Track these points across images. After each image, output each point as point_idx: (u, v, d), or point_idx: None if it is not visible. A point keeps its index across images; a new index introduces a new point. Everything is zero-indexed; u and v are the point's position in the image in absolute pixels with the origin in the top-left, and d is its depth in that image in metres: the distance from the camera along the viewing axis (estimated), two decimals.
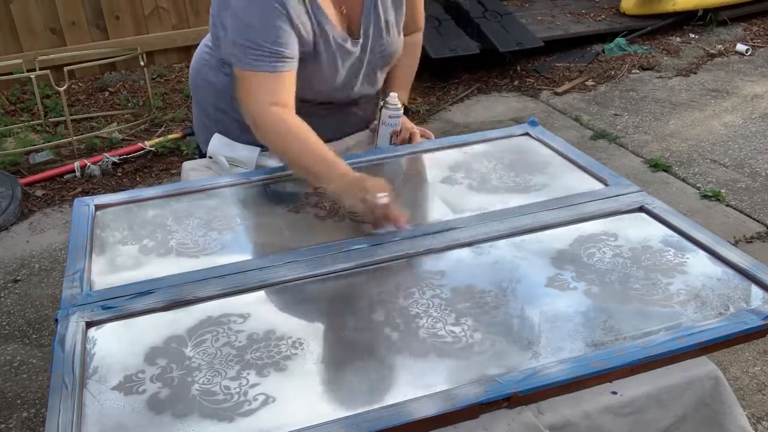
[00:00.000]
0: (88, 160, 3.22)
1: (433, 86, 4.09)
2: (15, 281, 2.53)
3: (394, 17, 1.59)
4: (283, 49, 1.41)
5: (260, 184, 1.51)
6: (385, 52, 1.61)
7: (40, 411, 1.98)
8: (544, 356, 0.99)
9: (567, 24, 4.66)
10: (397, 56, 1.67)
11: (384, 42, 1.59)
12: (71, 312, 1.11)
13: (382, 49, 1.60)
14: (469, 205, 1.38)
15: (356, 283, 1.18)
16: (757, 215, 2.79)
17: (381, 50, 1.60)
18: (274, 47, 1.41)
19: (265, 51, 1.40)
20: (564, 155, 1.56)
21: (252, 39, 1.40)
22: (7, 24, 3.90)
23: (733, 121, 3.62)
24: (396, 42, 1.62)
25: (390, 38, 1.60)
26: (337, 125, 1.70)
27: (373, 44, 1.58)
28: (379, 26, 1.57)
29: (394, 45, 1.62)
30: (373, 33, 1.57)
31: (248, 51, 1.41)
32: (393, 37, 1.61)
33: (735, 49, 4.52)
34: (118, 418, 0.92)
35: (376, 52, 1.60)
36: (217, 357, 1.01)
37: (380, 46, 1.59)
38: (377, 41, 1.58)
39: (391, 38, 1.60)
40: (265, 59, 1.41)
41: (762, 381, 2.00)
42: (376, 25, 1.56)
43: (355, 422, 0.88)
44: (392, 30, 1.60)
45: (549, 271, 1.18)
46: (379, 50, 1.60)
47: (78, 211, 1.40)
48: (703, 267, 1.18)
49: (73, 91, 4.01)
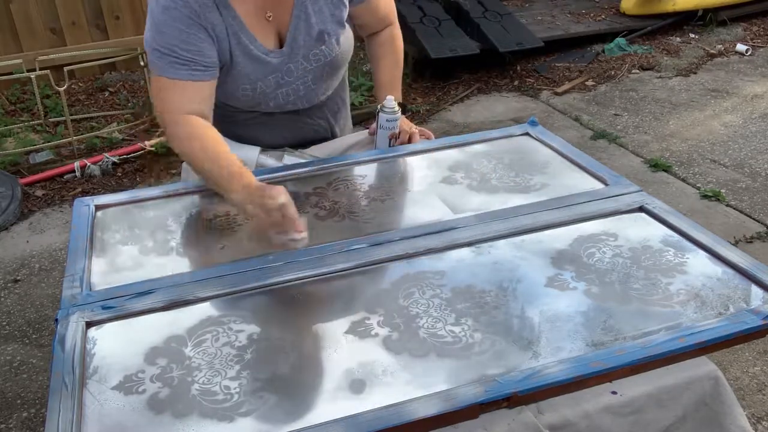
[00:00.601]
0: (88, 160, 3.22)
1: (433, 86, 4.09)
2: (15, 281, 2.54)
3: (333, 26, 1.55)
4: (196, 57, 1.41)
5: None
6: (322, 62, 1.57)
7: (40, 411, 1.98)
8: (544, 356, 0.99)
9: (567, 24, 4.66)
10: (342, 65, 1.64)
11: (320, 52, 1.55)
12: (71, 312, 1.11)
13: (318, 59, 1.56)
14: (469, 205, 1.38)
15: (356, 283, 1.18)
16: (757, 215, 2.79)
17: (317, 60, 1.56)
18: (188, 55, 1.40)
19: (179, 58, 1.40)
20: (564, 155, 1.56)
21: (166, 45, 1.40)
22: (7, 24, 3.90)
23: (733, 121, 3.63)
24: (338, 51, 1.58)
25: (328, 48, 1.56)
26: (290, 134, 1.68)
27: (306, 54, 1.54)
28: (310, 35, 1.53)
29: (334, 54, 1.58)
30: (305, 43, 1.53)
31: (163, 56, 1.41)
32: (331, 46, 1.56)
33: (735, 49, 4.52)
34: (118, 418, 0.92)
35: (311, 62, 1.56)
36: (217, 357, 1.01)
37: (315, 56, 1.56)
38: (310, 51, 1.54)
39: (329, 48, 1.56)
40: (179, 66, 1.41)
41: (762, 381, 2.00)
42: (308, 35, 1.53)
43: (355, 422, 0.88)
44: (329, 39, 1.55)
45: (549, 271, 1.18)
46: (315, 60, 1.56)
47: (78, 211, 1.40)
48: (703, 267, 1.18)
49: (73, 91, 4.01)
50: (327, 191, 1.46)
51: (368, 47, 1.81)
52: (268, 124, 1.65)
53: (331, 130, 1.77)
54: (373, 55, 1.79)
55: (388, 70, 1.76)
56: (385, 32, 1.75)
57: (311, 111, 1.68)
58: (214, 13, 1.43)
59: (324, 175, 1.53)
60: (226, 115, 1.61)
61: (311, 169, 1.54)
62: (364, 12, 1.65)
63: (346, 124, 1.84)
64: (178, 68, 1.41)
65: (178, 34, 1.40)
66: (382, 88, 1.74)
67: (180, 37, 1.40)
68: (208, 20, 1.42)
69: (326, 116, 1.73)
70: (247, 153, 1.62)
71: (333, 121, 1.76)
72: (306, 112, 1.67)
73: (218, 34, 1.45)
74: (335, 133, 1.78)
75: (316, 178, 1.52)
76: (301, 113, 1.67)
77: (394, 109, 1.63)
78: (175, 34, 1.40)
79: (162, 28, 1.40)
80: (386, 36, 1.75)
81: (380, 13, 1.70)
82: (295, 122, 1.68)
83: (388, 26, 1.75)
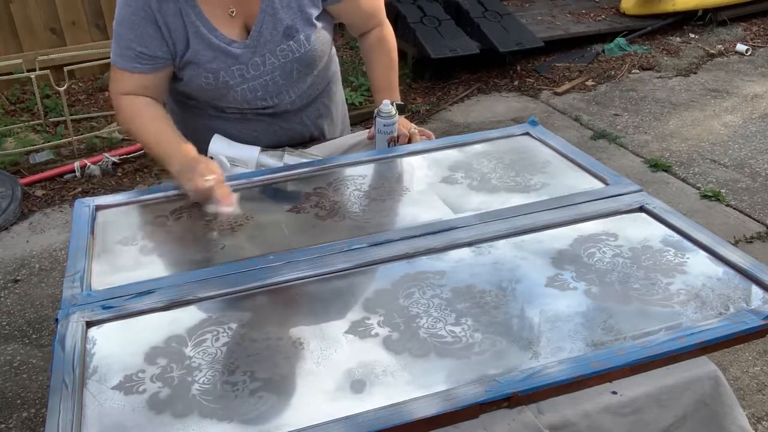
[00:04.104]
0: (88, 160, 3.22)
1: (433, 86, 4.09)
2: (15, 281, 2.54)
3: (302, 23, 1.55)
4: (143, 50, 1.48)
5: (260, 184, 1.51)
6: (290, 58, 1.56)
7: (40, 411, 1.98)
8: (544, 356, 0.99)
9: (567, 24, 4.66)
10: (313, 64, 1.62)
11: (287, 47, 1.55)
12: (71, 312, 1.11)
13: (286, 55, 1.55)
14: (469, 205, 1.38)
15: (356, 283, 1.18)
16: (757, 215, 2.79)
17: (285, 56, 1.55)
18: (136, 47, 1.48)
19: (129, 50, 1.48)
20: (564, 155, 1.56)
21: (121, 35, 1.49)
22: (7, 24, 3.90)
23: (733, 121, 3.63)
24: (307, 48, 1.57)
25: (296, 44, 1.55)
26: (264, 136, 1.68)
27: (273, 48, 1.54)
28: (277, 30, 1.53)
29: (303, 51, 1.57)
30: (272, 37, 1.53)
31: (118, 45, 1.50)
32: (300, 43, 1.56)
33: (735, 49, 4.52)
34: (118, 417, 0.92)
35: (279, 57, 1.55)
36: (218, 357, 1.01)
37: (282, 51, 1.55)
38: (277, 46, 1.54)
39: (297, 44, 1.55)
40: (127, 58, 1.50)
41: (762, 381, 2.00)
42: (274, 29, 1.52)
43: (355, 422, 0.88)
44: (298, 36, 1.55)
45: (549, 271, 1.18)
46: (282, 56, 1.55)
47: (78, 211, 1.40)
48: (703, 267, 1.18)
49: (73, 91, 4.01)
50: (327, 191, 1.46)
51: (361, 49, 1.80)
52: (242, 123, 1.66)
53: (311, 136, 1.77)
54: (366, 58, 1.79)
55: (383, 73, 1.75)
56: (374, 33, 1.74)
57: (287, 115, 1.68)
58: (170, 5, 1.46)
59: (324, 175, 1.53)
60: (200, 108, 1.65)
61: (311, 169, 1.54)
62: (344, 11, 1.64)
63: (334, 131, 1.83)
64: (123, 57, 1.50)
65: (130, 26, 1.47)
66: (378, 91, 1.74)
67: (132, 30, 1.47)
68: (161, 12, 1.46)
69: (304, 122, 1.73)
70: (247, 153, 1.62)
71: (313, 127, 1.76)
72: (281, 116, 1.68)
73: (171, 25, 1.48)
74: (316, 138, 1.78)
75: (316, 178, 1.52)
76: (276, 116, 1.67)
77: (391, 113, 1.62)
78: (128, 26, 1.47)
79: (119, 19, 1.49)
80: (375, 37, 1.74)
81: (363, 11, 1.68)
82: (270, 125, 1.68)
83: (378, 26, 1.73)
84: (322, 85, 1.73)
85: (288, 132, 1.71)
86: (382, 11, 1.74)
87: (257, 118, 1.66)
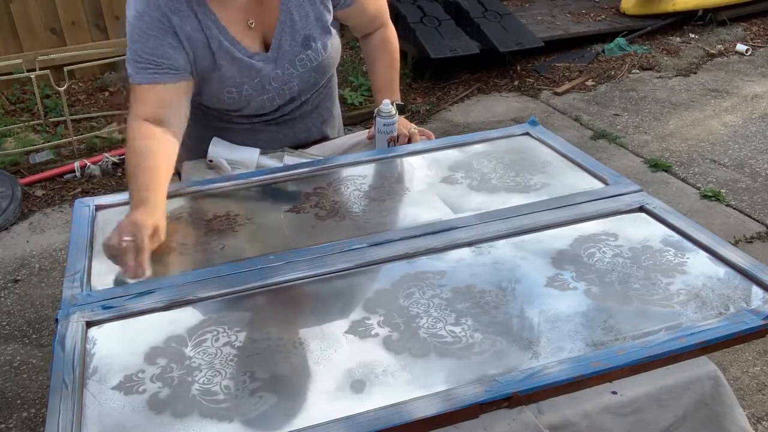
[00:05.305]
0: (88, 160, 3.22)
1: (433, 86, 4.09)
2: (15, 281, 2.54)
3: (318, 32, 1.56)
4: (162, 60, 1.42)
5: (260, 185, 1.51)
6: (308, 67, 1.58)
7: (40, 411, 1.98)
8: (544, 356, 0.99)
9: (567, 24, 4.66)
10: (328, 70, 1.64)
11: (306, 57, 1.56)
12: (71, 312, 1.11)
13: (304, 64, 1.57)
14: (469, 205, 1.38)
15: (356, 283, 1.18)
16: (757, 215, 2.79)
17: (303, 65, 1.57)
18: (154, 58, 1.41)
19: (145, 62, 1.42)
20: (564, 155, 1.56)
21: (136, 52, 1.42)
22: (7, 24, 3.89)
23: (733, 121, 3.62)
24: (324, 56, 1.59)
25: (314, 53, 1.57)
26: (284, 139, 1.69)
27: (292, 59, 1.55)
28: (296, 40, 1.53)
29: (320, 59, 1.58)
30: (290, 48, 1.54)
31: (133, 64, 1.43)
32: (318, 52, 1.57)
33: (735, 49, 4.52)
34: (118, 418, 0.92)
35: (297, 67, 1.57)
36: (218, 357, 1.01)
37: (301, 61, 1.56)
38: (296, 56, 1.55)
39: (315, 53, 1.57)
40: (143, 71, 1.42)
41: (762, 381, 2.00)
42: (293, 40, 1.53)
43: (355, 422, 0.88)
44: (315, 44, 1.56)
45: (549, 271, 1.18)
46: (301, 65, 1.57)
47: (78, 211, 1.40)
48: (703, 267, 1.18)
49: (73, 91, 4.01)
50: (327, 191, 1.46)
51: (363, 50, 1.81)
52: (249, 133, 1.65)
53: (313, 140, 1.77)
54: (368, 58, 1.79)
55: (384, 73, 1.76)
56: (377, 34, 1.75)
57: (293, 122, 1.69)
58: (190, 19, 1.43)
59: (324, 175, 1.53)
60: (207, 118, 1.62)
61: (311, 169, 1.54)
62: (352, 14, 1.65)
63: (333, 132, 1.83)
64: (140, 71, 1.43)
65: (146, 39, 1.41)
66: (378, 91, 1.74)
67: (148, 43, 1.41)
68: (181, 26, 1.42)
69: (309, 128, 1.73)
70: (247, 155, 1.63)
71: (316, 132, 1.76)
72: (287, 123, 1.68)
73: (194, 41, 1.45)
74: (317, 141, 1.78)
75: (316, 178, 1.52)
76: (281, 125, 1.67)
77: (391, 113, 1.63)
78: (144, 39, 1.41)
79: (134, 36, 1.42)
80: (379, 38, 1.75)
81: (369, 14, 1.69)
82: (276, 134, 1.68)
83: (381, 27, 1.74)
84: (326, 89, 1.74)
85: (292, 139, 1.72)
86: (386, 13, 1.75)
87: (264, 128, 1.66)
